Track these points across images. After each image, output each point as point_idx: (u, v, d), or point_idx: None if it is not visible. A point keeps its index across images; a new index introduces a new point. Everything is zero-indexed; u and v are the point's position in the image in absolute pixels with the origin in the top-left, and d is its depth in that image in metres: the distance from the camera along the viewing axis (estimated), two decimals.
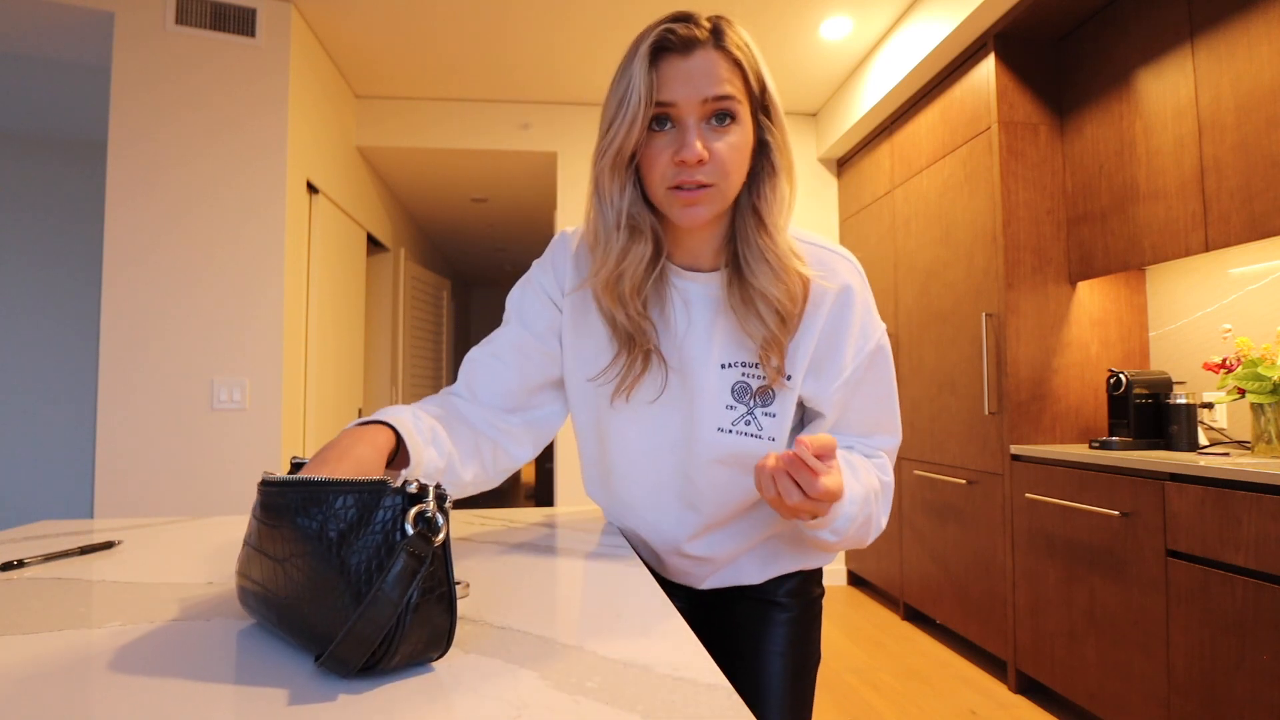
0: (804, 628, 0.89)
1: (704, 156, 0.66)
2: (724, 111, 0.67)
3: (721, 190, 0.69)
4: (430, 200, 4.50)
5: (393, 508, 0.45)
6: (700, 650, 0.49)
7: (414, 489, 0.45)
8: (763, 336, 0.72)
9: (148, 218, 2.40)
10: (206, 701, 0.40)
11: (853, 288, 0.76)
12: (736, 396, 0.76)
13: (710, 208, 0.69)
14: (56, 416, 3.49)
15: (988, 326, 2.40)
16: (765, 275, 0.71)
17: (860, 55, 3.10)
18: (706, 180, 0.67)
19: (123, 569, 0.73)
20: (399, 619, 0.42)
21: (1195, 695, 1.57)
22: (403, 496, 0.45)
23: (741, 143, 0.69)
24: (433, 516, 0.45)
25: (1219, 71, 1.81)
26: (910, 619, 2.99)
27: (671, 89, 0.66)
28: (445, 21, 2.79)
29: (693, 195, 0.67)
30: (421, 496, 0.45)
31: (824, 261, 0.75)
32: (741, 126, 0.68)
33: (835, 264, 0.76)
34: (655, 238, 0.75)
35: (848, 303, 0.75)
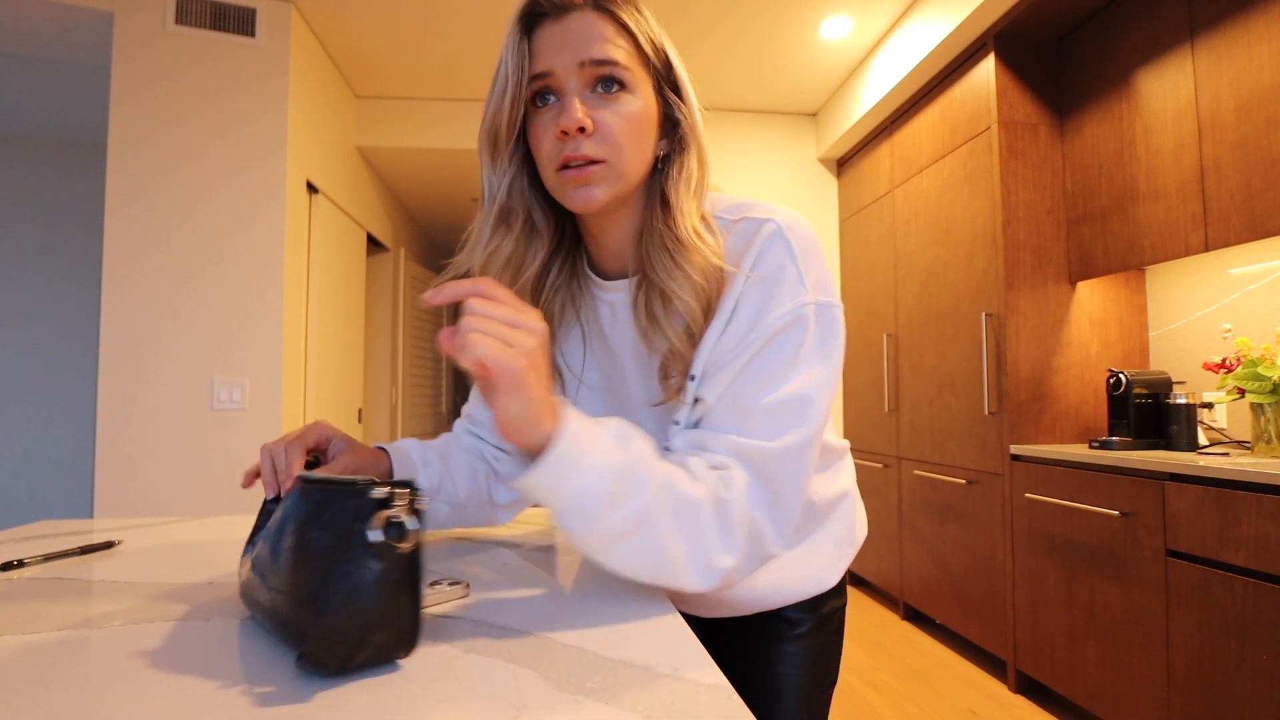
0: (820, 646, 0.78)
1: (584, 124, 0.58)
2: (608, 77, 0.59)
3: (615, 167, 0.60)
4: (430, 200, 4.50)
5: (358, 511, 0.44)
6: (700, 650, 0.49)
7: (382, 494, 0.44)
8: (665, 349, 0.61)
9: (148, 217, 2.40)
10: (207, 701, 0.40)
11: (765, 245, 0.60)
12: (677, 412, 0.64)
13: (605, 188, 0.60)
14: (56, 416, 3.49)
15: (988, 326, 2.40)
16: (663, 267, 0.60)
17: (860, 55, 3.10)
18: (594, 154, 0.59)
19: (123, 569, 0.73)
20: (367, 620, 0.43)
21: (1195, 695, 1.57)
22: (370, 501, 0.44)
23: (635, 113, 0.60)
24: (401, 521, 0.44)
25: (1219, 71, 1.81)
26: (910, 619, 2.99)
27: (546, 57, 0.59)
28: (445, 21, 2.79)
29: (581, 173, 0.59)
30: (388, 502, 0.44)
31: (744, 233, 0.62)
32: (635, 96, 0.60)
33: (755, 234, 0.61)
34: (559, 238, 0.68)
35: (756, 268, 0.60)
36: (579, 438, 0.50)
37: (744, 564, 0.57)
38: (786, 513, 0.59)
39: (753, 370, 0.59)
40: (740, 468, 0.57)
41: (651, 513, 0.52)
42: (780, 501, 0.58)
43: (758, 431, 0.58)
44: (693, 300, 0.60)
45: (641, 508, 0.52)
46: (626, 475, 0.51)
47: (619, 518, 0.52)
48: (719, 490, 0.55)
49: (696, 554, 0.54)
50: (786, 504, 0.58)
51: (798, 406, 0.58)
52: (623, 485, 0.51)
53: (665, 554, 0.54)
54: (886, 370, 3.17)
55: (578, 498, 0.51)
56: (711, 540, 0.55)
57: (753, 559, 0.58)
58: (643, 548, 0.53)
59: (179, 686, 0.42)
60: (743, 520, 0.56)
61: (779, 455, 0.57)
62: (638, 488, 0.52)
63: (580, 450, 0.50)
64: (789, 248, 0.60)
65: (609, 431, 0.54)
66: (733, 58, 3.05)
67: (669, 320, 0.60)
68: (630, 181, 0.62)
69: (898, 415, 3.09)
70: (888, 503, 3.13)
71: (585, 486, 0.50)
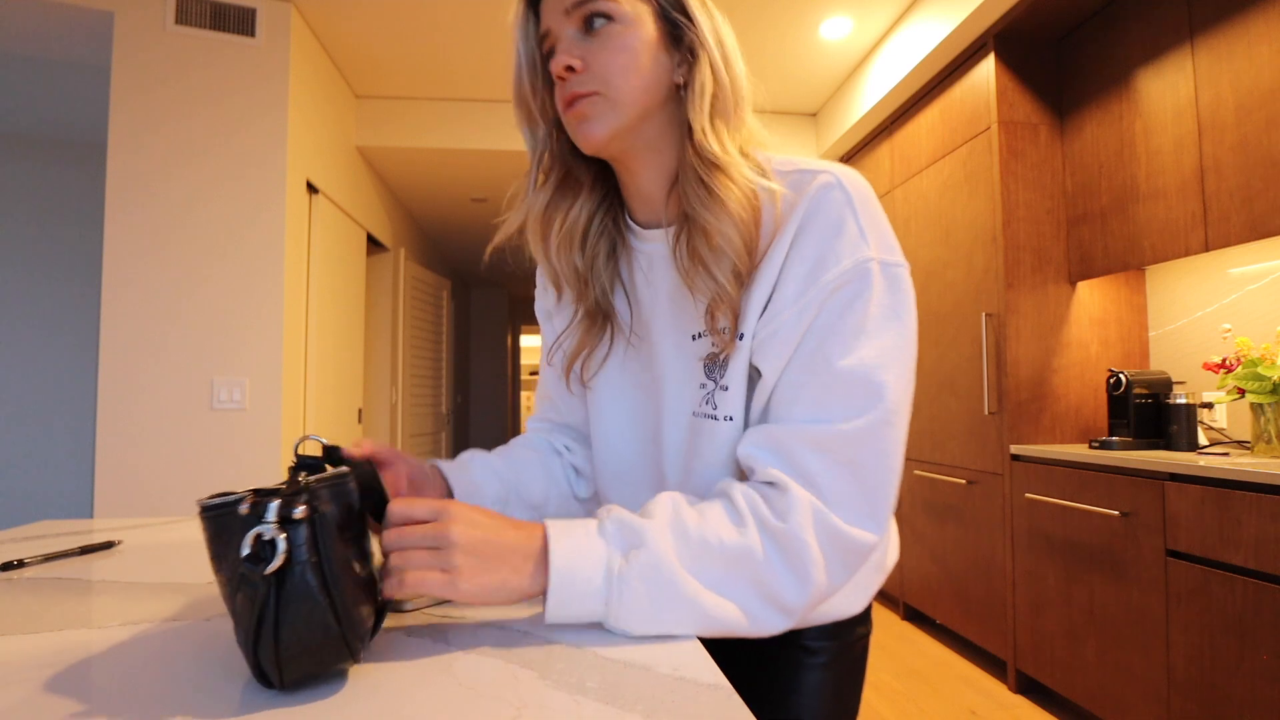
0: (841, 677, 0.72)
1: (571, 64, 0.58)
2: (591, 15, 0.59)
3: (610, 98, 0.59)
4: (430, 200, 4.50)
5: (238, 526, 0.42)
6: (700, 650, 0.49)
7: (244, 510, 0.41)
8: (711, 291, 0.58)
9: (147, 217, 2.40)
10: (207, 701, 0.40)
11: (819, 196, 0.56)
12: (708, 372, 0.62)
13: (601, 122, 0.59)
14: (56, 417, 3.49)
15: (988, 326, 2.40)
16: (698, 198, 0.58)
17: (860, 55, 3.10)
18: (583, 89, 0.59)
19: (123, 569, 0.73)
20: (275, 638, 0.40)
21: (1195, 695, 1.57)
22: (239, 519, 0.41)
23: (625, 42, 0.59)
24: (272, 539, 0.40)
25: (1219, 71, 1.81)
26: (910, 619, 2.99)
27: (545, 17, 0.61)
28: (445, 21, 2.79)
29: (576, 110, 0.59)
30: (255, 519, 0.41)
31: (797, 184, 0.58)
32: (625, 25, 0.59)
33: (809, 182, 0.57)
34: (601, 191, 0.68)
35: (810, 216, 0.56)
36: (566, 560, 0.50)
37: (828, 578, 0.53)
38: (875, 500, 0.54)
39: (815, 337, 0.55)
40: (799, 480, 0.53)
41: (690, 585, 0.51)
42: (866, 489, 0.53)
43: (830, 413, 0.53)
44: (733, 232, 0.56)
45: (681, 593, 0.50)
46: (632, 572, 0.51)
47: (655, 607, 0.50)
48: (770, 521, 0.52)
49: (759, 601, 0.52)
50: (874, 491, 0.53)
51: (872, 378, 0.53)
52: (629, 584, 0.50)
53: (726, 615, 0.52)
54: None
55: (601, 609, 0.51)
56: (771, 580, 0.52)
57: (844, 565, 0.54)
58: (703, 618, 0.51)
59: (179, 686, 0.42)
60: (809, 539, 0.52)
61: (857, 438, 0.53)
62: (667, 577, 0.50)
63: (574, 572, 0.50)
64: (848, 199, 0.56)
65: (594, 534, 0.52)
66: None
67: (713, 258, 0.57)
68: (629, 110, 0.60)
69: None
70: None
71: (593, 596, 0.51)
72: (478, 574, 0.49)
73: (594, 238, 0.68)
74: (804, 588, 0.52)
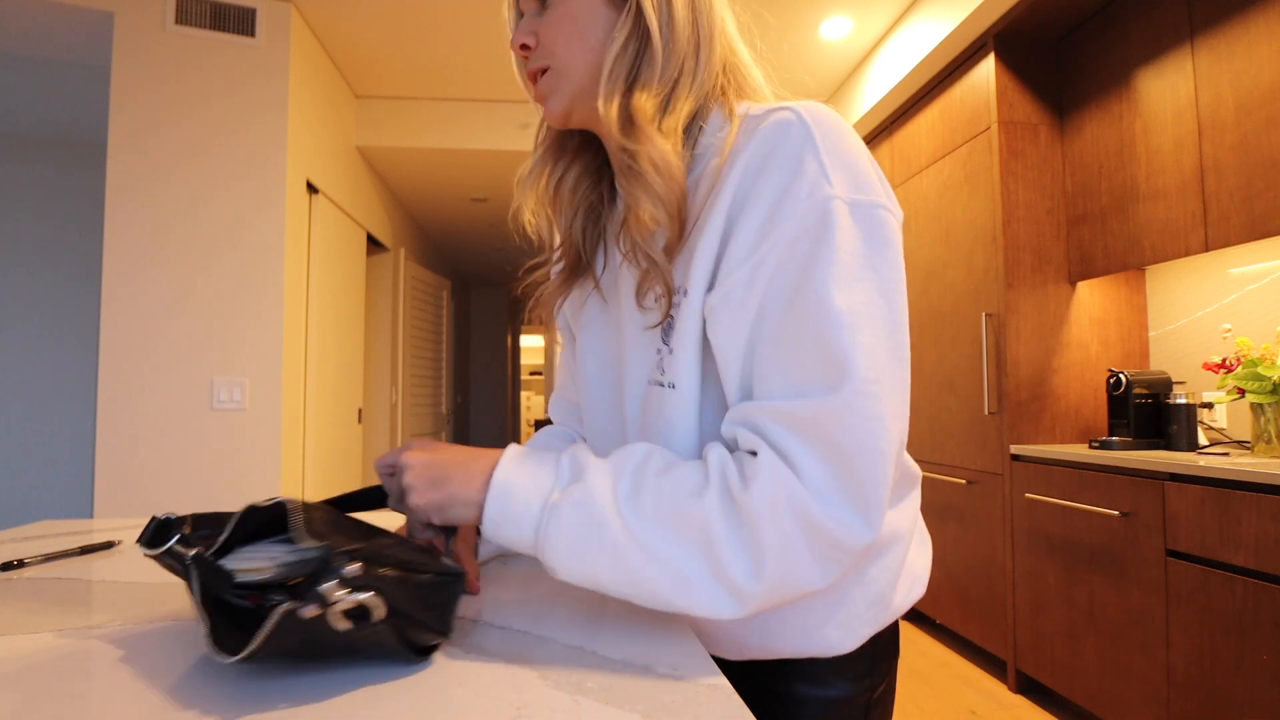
0: None
1: (525, 41, 0.60)
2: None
3: (559, 70, 0.58)
4: (430, 200, 4.50)
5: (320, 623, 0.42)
6: (700, 650, 0.49)
7: (308, 614, 0.40)
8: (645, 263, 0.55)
9: (147, 217, 2.40)
10: (207, 701, 0.40)
11: (773, 132, 0.50)
12: (664, 336, 0.57)
13: (557, 97, 0.59)
14: (56, 416, 3.49)
15: (988, 326, 2.40)
16: (619, 172, 0.56)
17: (860, 55, 3.10)
18: (536, 65, 0.60)
19: (123, 569, 0.73)
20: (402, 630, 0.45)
21: (1195, 695, 1.57)
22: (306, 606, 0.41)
23: (569, 12, 0.58)
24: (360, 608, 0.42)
25: (1219, 71, 1.81)
26: (910, 619, 2.99)
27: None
28: (445, 21, 2.79)
29: (537, 89, 0.61)
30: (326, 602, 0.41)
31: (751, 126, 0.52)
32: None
33: (762, 121, 0.51)
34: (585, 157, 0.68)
35: (763, 157, 0.49)
36: (510, 477, 0.50)
37: (795, 568, 0.46)
38: (861, 489, 0.45)
39: (777, 298, 0.48)
40: (773, 452, 0.46)
41: (622, 533, 0.47)
42: (848, 476, 0.45)
43: (800, 387, 0.46)
44: (660, 211, 0.53)
45: (611, 537, 0.47)
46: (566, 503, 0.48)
47: (581, 547, 0.48)
48: (734, 488, 0.46)
49: (704, 573, 0.46)
50: (857, 477, 0.44)
51: (841, 347, 0.45)
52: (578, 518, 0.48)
53: (659, 576, 0.47)
54: None
55: (531, 537, 0.49)
56: (722, 552, 0.46)
57: (820, 560, 0.46)
58: (631, 572, 0.47)
59: (179, 686, 0.42)
60: (774, 516, 0.45)
61: (830, 417, 0.45)
62: (599, 517, 0.47)
63: (512, 490, 0.50)
64: (808, 134, 0.48)
65: (549, 464, 0.51)
66: None
67: (644, 237, 0.54)
68: (580, 80, 0.58)
69: None
70: None
71: (526, 522, 0.49)
72: (427, 490, 0.51)
73: (575, 198, 0.68)
74: (759, 571, 0.45)
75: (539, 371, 11.27)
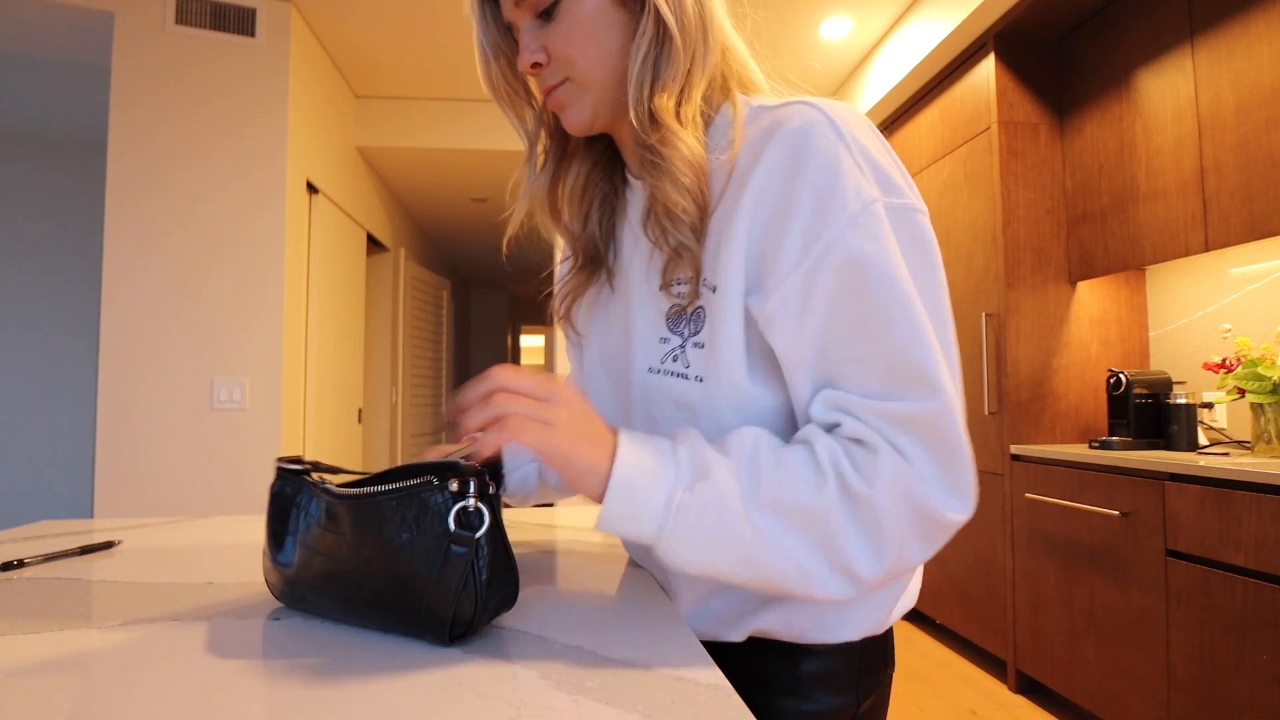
0: None
1: (535, 59, 0.57)
2: (543, 5, 0.56)
3: (579, 82, 0.58)
4: (430, 200, 4.50)
5: (440, 506, 0.48)
6: (700, 650, 0.49)
7: (455, 487, 0.48)
8: (674, 243, 0.55)
9: (148, 217, 2.40)
10: (207, 701, 0.40)
11: (799, 137, 0.50)
12: (672, 325, 0.58)
13: (578, 107, 0.59)
14: (56, 416, 3.49)
15: (988, 326, 2.40)
16: (642, 163, 0.57)
17: (860, 55, 3.10)
18: (553, 80, 0.58)
19: (123, 569, 0.73)
20: (476, 597, 0.47)
21: (1195, 695, 1.57)
22: (446, 494, 0.48)
23: (581, 21, 0.56)
24: (475, 509, 0.48)
25: (1219, 71, 1.81)
26: (910, 619, 2.99)
27: (503, 9, 0.59)
28: (445, 21, 2.79)
29: (555, 100, 0.59)
30: (462, 495, 0.48)
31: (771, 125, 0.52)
32: (575, 4, 0.56)
33: (783, 116, 0.52)
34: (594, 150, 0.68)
35: (792, 162, 0.50)
36: (631, 471, 0.49)
37: (908, 552, 0.49)
38: (961, 477, 0.49)
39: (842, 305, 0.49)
40: (890, 447, 0.48)
41: (750, 531, 0.48)
42: (950, 466, 0.48)
43: (894, 393, 0.48)
44: (685, 200, 0.54)
45: (735, 532, 0.48)
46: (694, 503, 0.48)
47: (709, 545, 0.48)
48: (853, 484, 0.48)
49: (824, 565, 0.48)
50: (956, 467, 0.49)
51: (923, 366, 0.48)
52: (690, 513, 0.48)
53: (784, 570, 0.48)
54: None
55: (654, 532, 0.49)
56: (844, 546, 0.48)
57: (926, 540, 0.49)
58: (757, 568, 0.49)
59: (178, 687, 0.42)
60: (894, 509, 0.48)
61: (937, 415, 0.48)
62: (724, 514, 0.48)
63: (634, 485, 0.49)
64: (839, 136, 0.49)
65: (669, 456, 0.50)
66: None
67: (671, 223, 0.55)
68: (601, 85, 0.58)
69: None
70: None
71: (649, 517, 0.49)
72: (575, 439, 0.49)
73: (585, 196, 0.68)
74: (879, 559, 0.48)
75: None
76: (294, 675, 0.44)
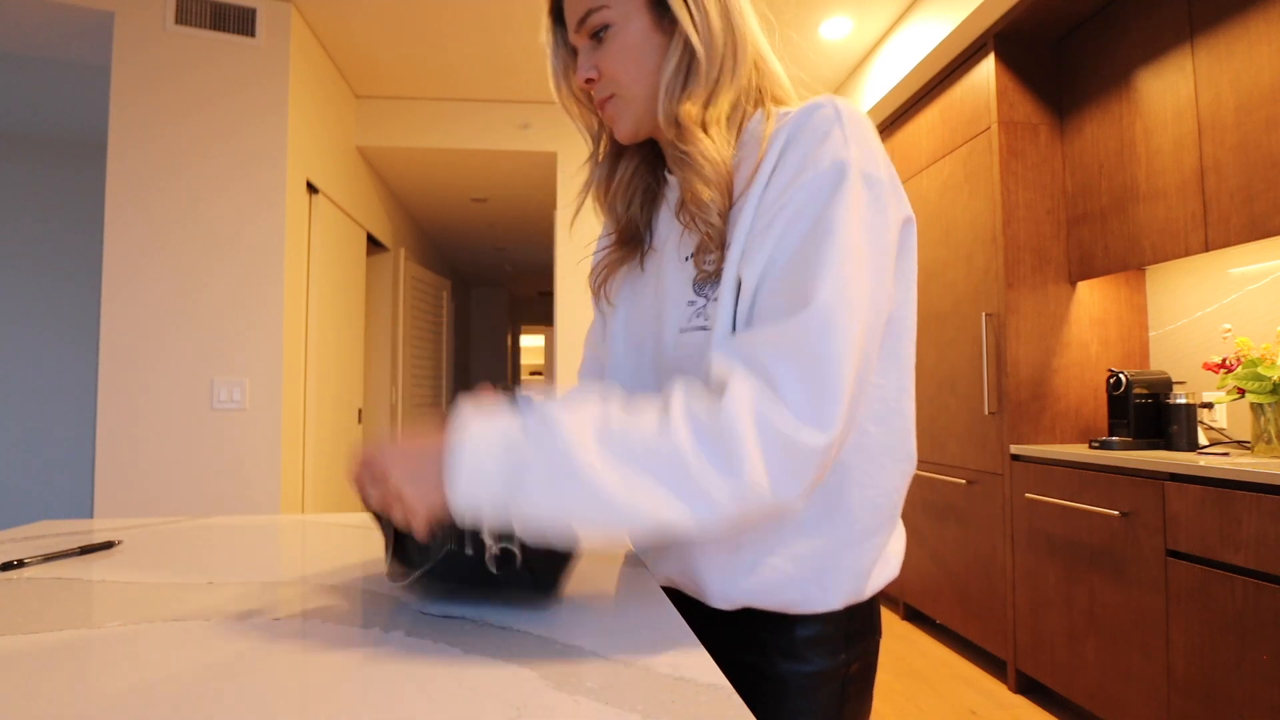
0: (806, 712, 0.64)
1: (588, 76, 0.68)
2: (596, 26, 0.66)
3: (624, 97, 0.67)
4: (430, 200, 4.50)
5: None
6: (700, 650, 0.49)
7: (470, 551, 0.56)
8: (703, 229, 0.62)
9: (148, 217, 2.40)
10: (206, 700, 0.40)
11: (807, 116, 0.59)
12: (697, 289, 0.65)
13: (625, 119, 0.68)
14: (56, 416, 3.49)
15: (988, 326, 2.40)
16: (673, 161, 0.65)
17: (860, 55, 3.10)
18: (603, 94, 0.68)
19: (123, 569, 0.73)
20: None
21: (1195, 695, 1.57)
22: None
23: (626, 44, 0.65)
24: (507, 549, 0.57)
25: (1219, 71, 1.81)
26: (910, 619, 2.99)
27: (570, 36, 0.69)
28: (445, 21, 2.79)
29: (606, 114, 0.70)
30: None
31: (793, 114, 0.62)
32: (622, 29, 0.65)
33: (802, 109, 0.61)
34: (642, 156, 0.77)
35: (795, 135, 0.59)
36: (464, 445, 0.51)
37: (767, 479, 0.49)
38: (823, 397, 0.49)
39: (778, 232, 0.56)
40: (747, 372, 0.51)
41: (595, 464, 0.49)
42: (812, 383, 0.49)
43: (789, 306, 0.52)
44: (713, 192, 0.61)
45: (572, 465, 0.49)
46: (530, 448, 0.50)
47: (555, 487, 0.49)
48: (700, 412, 0.50)
49: (680, 495, 0.49)
50: (820, 385, 0.49)
51: (835, 263, 0.51)
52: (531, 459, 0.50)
53: (638, 504, 0.49)
54: None
55: (501, 490, 0.50)
56: (697, 472, 0.49)
57: (788, 469, 0.49)
58: (610, 505, 0.49)
59: (178, 686, 0.42)
60: (740, 430, 0.48)
61: (805, 327, 0.50)
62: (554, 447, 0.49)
63: (473, 453, 0.50)
64: (837, 115, 0.58)
65: (507, 418, 0.52)
66: None
67: (700, 211, 0.62)
68: (642, 101, 0.67)
69: None
70: None
71: (492, 474, 0.50)
72: (411, 470, 0.52)
73: (630, 187, 0.77)
74: (734, 482, 0.48)
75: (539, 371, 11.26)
76: (294, 675, 0.44)
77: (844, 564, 0.63)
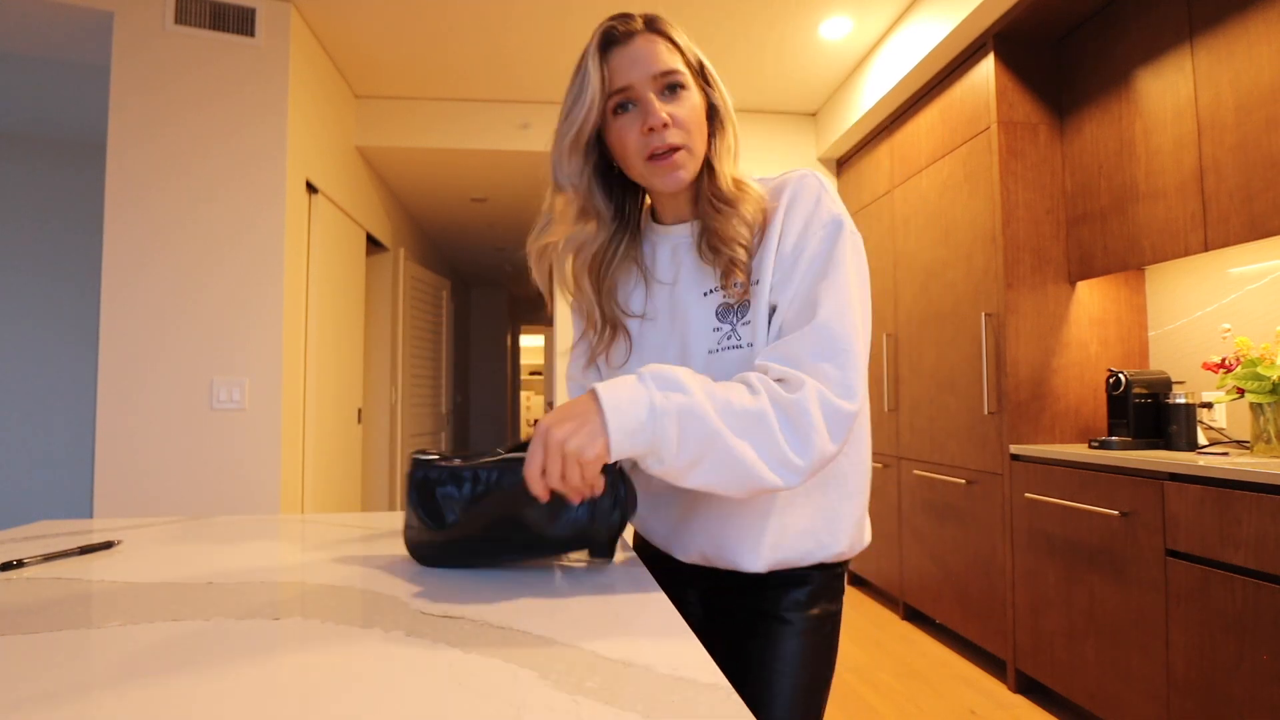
0: (815, 646, 0.82)
1: (668, 120, 0.75)
2: (674, 83, 0.76)
3: (691, 150, 0.77)
4: (430, 200, 4.50)
5: None
6: (700, 650, 0.50)
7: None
8: (726, 261, 0.78)
9: (147, 217, 2.40)
10: (207, 701, 0.40)
11: (800, 182, 0.78)
12: (720, 317, 0.80)
13: (688, 169, 0.77)
14: (56, 416, 3.49)
15: (987, 326, 2.41)
16: (718, 214, 0.78)
17: (860, 55, 3.10)
18: (676, 141, 0.76)
19: (123, 569, 0.73)
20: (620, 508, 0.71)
21: (1195, 695, 1.58)
22: None
23: (695, 105, 0.78)
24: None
25: (1218, 71, 1.81)
26: (910, 619, 3.00)
27: (625, 74, 0.76)
28: (445, 21, 2.79)
29: (668, 160, 0.76)
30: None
31: (775, 187, 0.80)
32: (691, 92, 0.78)
33: (784, 180, 0.80)
34: (619, 221, 0.86)
35: (796, 195, 0.78)
36: (613, 407, 0.63)
37: (831, 442, 0.67)
38: (850, 379, 0.69)
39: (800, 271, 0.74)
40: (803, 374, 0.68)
41: (719, 425, 0.64)
42: (843, 366, 0.69)
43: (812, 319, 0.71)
44: (744, 229, 0.77)
45: (700, 432, 0.63)
46: (671, 408, 0.63)
47: (692, 441, 0.64)
48: (781, 395, 0.66)
49: (772, 456, 0.65)
50: (846, 369, 0.69)
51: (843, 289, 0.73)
52: (669, 417, 0.63)
53: (747, 459, 0.64)
54: (886, 370, 3.17)
55: (647, 439, 0.63)
56: (781, 440, 0.65)
57: (839, 430, 0.68)
58: (729, 459, 0.64)
59: (178, 687, 0.42)
60: (812, 410, 0.66)
61: (834, 329, 0.70)
62: (692, 410, 0.63)
63: (619, 412, 0.63)
64: (820, 183, 0.79)
65: (638, 383, 0.65)
66: (732, 58, 3.05)
67: (729, 245, 0.77)
68: (700, 159, 0.79)
69: (897, 415, 3.09)
70: (887, 502, 3.14)
71: (640, 429, 0.63)
72: (564, 421, 0.62)
73: (616, 261, 0.86)
74: (808, 449, 0.66)
75: (539, 371, 11.26)
76: (294, 675, 0.44)
77: (844, 512, 0.81)
